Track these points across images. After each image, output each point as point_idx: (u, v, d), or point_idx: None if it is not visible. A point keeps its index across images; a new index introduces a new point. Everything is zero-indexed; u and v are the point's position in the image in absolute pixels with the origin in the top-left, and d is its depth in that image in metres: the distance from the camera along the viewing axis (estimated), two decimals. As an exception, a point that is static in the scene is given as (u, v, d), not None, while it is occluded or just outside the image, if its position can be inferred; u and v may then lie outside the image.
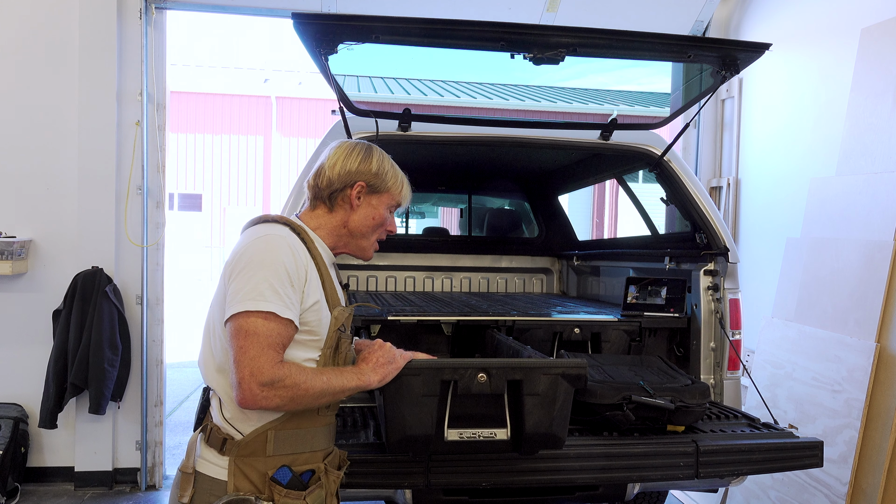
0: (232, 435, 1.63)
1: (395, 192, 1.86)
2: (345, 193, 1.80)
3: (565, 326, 3.04)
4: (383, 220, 1.86)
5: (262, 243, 1.62)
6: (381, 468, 2.17)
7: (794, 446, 2.43)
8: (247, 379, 1.50)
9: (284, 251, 1.61)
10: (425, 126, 3.10)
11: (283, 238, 1.64)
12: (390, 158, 1.89)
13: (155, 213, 4.68)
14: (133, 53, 4.56)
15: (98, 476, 4.56)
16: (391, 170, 1.86)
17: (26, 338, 4.52)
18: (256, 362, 1.51)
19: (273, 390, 1.51)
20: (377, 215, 1.84)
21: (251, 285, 1.56)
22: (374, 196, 1.83)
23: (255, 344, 1.52)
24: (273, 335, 1.54)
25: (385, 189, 1.84)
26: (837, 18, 4.09)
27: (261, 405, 1.53)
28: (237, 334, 1.54)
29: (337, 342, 1.72)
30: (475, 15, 4.61)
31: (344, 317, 1.75)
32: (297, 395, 1.55)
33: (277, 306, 1.55)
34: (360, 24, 2.35)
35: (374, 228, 1.85)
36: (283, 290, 1.57)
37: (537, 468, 2.20)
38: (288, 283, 1.58)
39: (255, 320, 1.53)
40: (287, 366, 1.56)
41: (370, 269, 4.96)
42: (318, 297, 1.67)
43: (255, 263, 1.58)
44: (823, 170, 4.01)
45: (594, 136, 3.22)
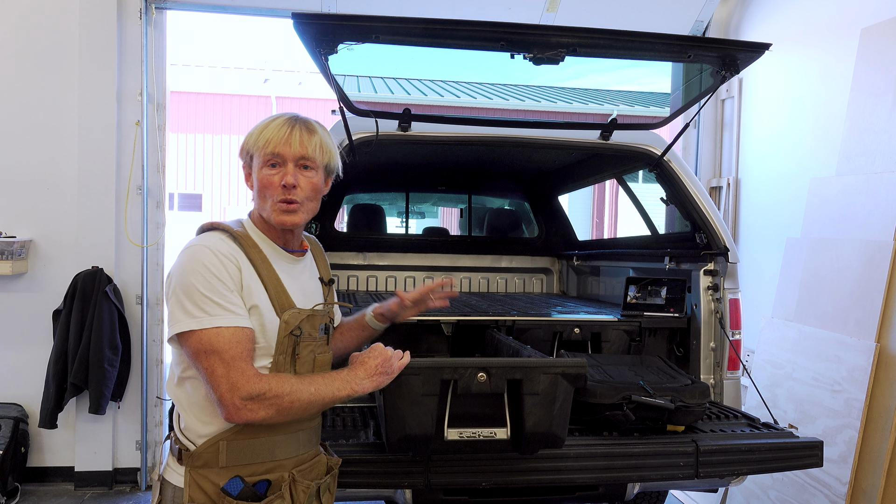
0: (187, 446, 1.61)
1: (258, 147, 1.67)
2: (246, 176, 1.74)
3: (565, 326, 3.04)
4: (268, 182, 1.66)
5: (188, 256, 1.57)
6: (381, 468, 2.17)
7: (794, 446, 2.43)
8: (226, 396, 1.49)
9: (208, 258, 1.56)
10: (425, 126, 3.10)
11: (206, 247, 1.58)
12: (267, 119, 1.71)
13: (155, 213, 4.68)
14: (133, 53, 4.56)
15: (98, 476, 4.56)
16: (253, 130, 1.70)
17: (26, 338, 4.51)
18: (229, 379, 1.49)
19: (256, 403, 1.50)
20: (259, 180, 1.68)
21: (190, 302, 1.52)
22: (253, 166, 1.71)
23: (219, 362, 1.49)
24: (233, 346, 1.51)
25: (253, 153, 1.69)
26: (837, 18, 4.09)
27: (247, 418, 1.51)
28: (197, 356, 1.51)
29: (293, 347, 1.65)
30: (475, 15, 4.61)
31: (299, 319, 1.66)
32: (284, 407, 1.53)
33: (222, 318, 1.52)
34: (360, 24, 2.34)
35: (263, 194, 1.68)
36: (220, 298, 1.53)
37: (537, 468, 2.20)
38: (224, 289, 1.54)
39: (209, 338, 1.50)
40: (265, 379, 1.53)
41: (370, 270, 4.96)
42: (257, 302, 1.60)
43: (185, 278, 1.54)
44: (823, 170, 4.01)
45: (594, 136, 3.22)
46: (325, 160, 1.72)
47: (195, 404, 1.61)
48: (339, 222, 5.59)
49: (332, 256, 4.88)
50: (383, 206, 5.55)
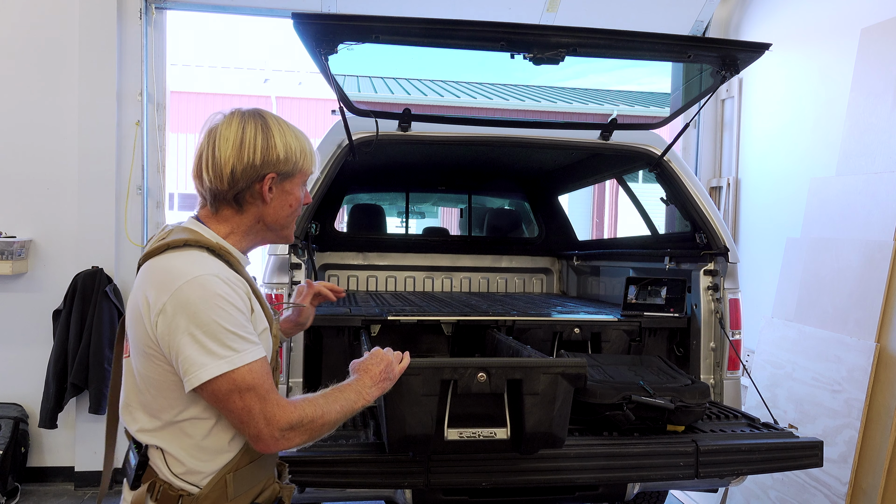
0: (188, 490, 1.47)
1: (307, 168, 1.60)
2: (253, 190, 1.53)
3: (565, 326, 3.04)
4: (300, 201, 1.62)
5: (196, 289, 1.39)
6: (381, 468, 2.16)
7: (794, 446, 2.43)
8: (265, 431, 1.42)
9: (222, 288, 1.41)
10: (425, 126, 3.10)
11: (213, 275, 1.41)
12: (289, 124, 1.61)
13: (155, 213, 4.68)
14: (133, 53, 4.56)
15: (98, 476, 4.55)
16: (296, 143, 1.57)
17: (26, 338, 4.51)
18: (267, 413, 1.42)
19: (293, 432, 1.45)
20: (294, 200, 1.60)
21: (213, 341, 1.38)
22: (286, 182, 1.57)
23: (256, 399, 1.41)
24: (264, 379, 1.44)
25: (297, 171, 1.58)
26: (837, 18, 4.09)
27: (284, 448, 1.47)
28: (230, 397, 1.40)
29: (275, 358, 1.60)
30: (475, 15, 4.61)
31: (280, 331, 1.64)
32: (315, 430, 1.49)
33: (251, 353, 1.42)
34: (360, 24, 2.35)
35: (292, 214, 1.62)
36: (245, 331, 1.43)
37: (537, 468, 2.20)
38: (245, 320, 1.45)
39: (242, 376, 1.40)
40: (298, 406, 1.47)
41: (370, 270, 4.96)
42: (265, 326, 1.54)
43: (200, 315, 1.37)
44: (823, 170, 4.01)
45: (594, 136, 3.22)
46: None
47: (196, 445, 1.48)
48: (339, 222, 5.59)
49: (333, 256, 4.89)
50: (383, 206, 5.55)
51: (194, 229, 1.54)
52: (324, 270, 4.89)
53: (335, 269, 4.92)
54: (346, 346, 3.02)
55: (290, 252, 2.83)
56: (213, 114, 1.59)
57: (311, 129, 19.64)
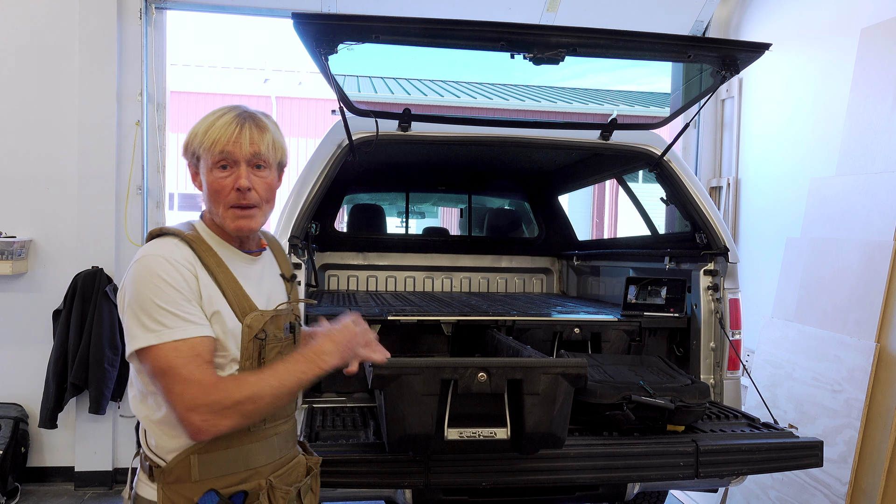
0: (157, 462, 1.53)
1: (204, 148, 1.55)
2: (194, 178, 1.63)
3: (565, 326, 3.04)
4: (219, 185, 1.56)
5: (140, 267, 1.49)
6: (381, 468, 2.16)
7: (794, 446, 2.43)
8: (185, 415, 1.42)
9: (162, 267, 1.47)
10: (425, 126, 3.10)
11: (159, 255, 1.50)
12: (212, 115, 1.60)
13: (155, 213, 4.68)
14: (133, 53, 4.56)
15: (98, 476, 4.56)
16: (198, 128, 1.57)
17: (26, 338, 4.51)
18: (186, 396, 1.41)
19: (216, 415, 1.42)
20: (209, 183, 1.57)
21: (146, 316, 1.44)
22: (200, 167, 1.59)
23: (176, 379, 1.42)
24: (190, 360, 1.43)
25: (200, 154, 1.57)
26: (837, 18, 4.09)
27: (213, 432, 1.44)
28: (155, 374, 1.44)
29: (259, 352, 1.58)
30: (475, 15, 4.60)
31: (263, 322, 1.58)
32: (248, 410, 1.45)
33: (180, 330, 1.44)
34: (360, 24, 2.35)
35: (215, 199, 1.58)
36: (177, 308, 1.45)
37: (537, 468, 2.20)
38: (181, 298, 1.46)
39: (166, 354, 1.42)
40: (222, 387, 1.44)
41: (370, 270, 4.96)
42: (218, 308, 1.52)
43: (139, 291, 1.45)
44: (823, 170, 4.01)
45: (594, 136, 3.22)
46: (277, 157, 1.62)
47: (161, 420, 1.52)
48: (339, 222, 5.59)
49: (333, 256, 4.89)
50: (383, 206, 5.55)
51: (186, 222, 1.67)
52: (324, 270, 4.89)
53: (335, 269, 4.92)
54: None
55: (290, 252, 2.82)
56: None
57: (311, 130, 19.65)
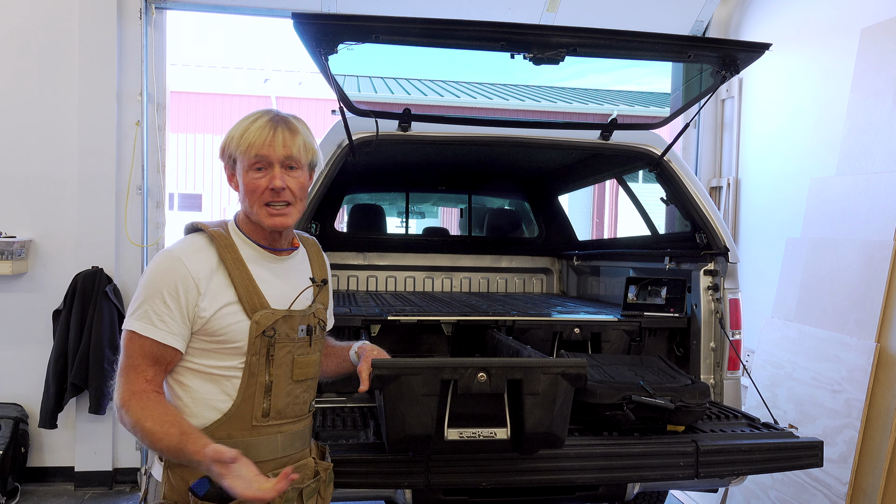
0: None
1: (241, 151, 1.65)
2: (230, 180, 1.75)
3: (565, 326, 3.04)
4: (255, 185, 1.65)
5: (152, 262, 1.64)
6: (381, 468, 2.16)
7: (794, 446, 2.43)
8: (115, 393, 1.58)
9: (165, 266, 1.60)
10: (425, 126, 3.10)
11: (170, 254, 1.63)
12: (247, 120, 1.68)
13: (155, 213, 4.68)
14: (133, 53, 4.56)
15: (98, 476, 4.56)
16: (234, 133, 1.67)
17: (26, 338, 4.51)
18: (119, 380, 1.58)
19: (122, 413, 1.55)
20: (246, 184, 1.66)
21: (134, 302, 1.61)
22: (238, 172, 1.69)
23: (121, 363, 1.59)
24: (134, 356, 1.58)
25: (236, 157, 1.67)
26: (837, 18, 4.09)
27: (121, 421, 1.57)
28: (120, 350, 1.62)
29: (267, 349, 1.64)
30: (475, 15, 4.61)
31: (272, 320, 1.64)
32: (136, 432, 1.54)
33: (140, 326, 1.57)
34: (360, 24, 2.34)
35: (251, 198, 1.66)
36: (151, 309, 1.57)
37: (537, 468, 2.20)
38: (160, 302, 1.57)
39: (125, 341, 1.59)
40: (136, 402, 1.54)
41: (370, 270, 4.96)
42: (227, 301, 1.61)
43: (141, 282, 1.63)
44: (823, 170, 4.01)
45: (594, 136, 3.22)
46: (308, 158, 1.72)
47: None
48: (339, 222, 5.59)
49: (332, 256, 4.89)
50: (383, 206, 5.55)
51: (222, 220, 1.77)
52: (324, 270, 4.88)
53: (335, 269, 4.92)
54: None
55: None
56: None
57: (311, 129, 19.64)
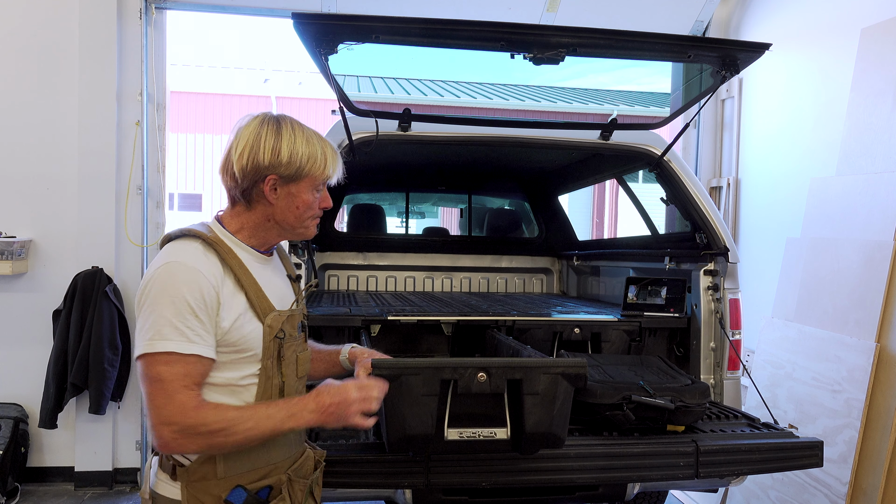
0: (180, 461, 1.56)
1: (315, 173, 1.63)
2: (258, 189, 1.61)
3: (565, 326, 3.04)
4: (311, 204, 1.66)
5: (164, 273, 1.50)
6: (381, 468, 2.16)
7: (794, 446, 2.43)
8: (157, 427, 1.44)
9: (183, 278, 1.49)
10: (425, 126, 3.10)
11: (183, 264, 1.51)
12: (306, 131, 1.65)
13: (155, 213, 4.68)
14: (133, 53, 4.56)
15: (98, 476, 4.56)
16: (306, 150, 1.61)
17: (26, 338, 4.51)
18: (165, 410, 1.44)
19: (185, 437, 1.44)
20: (301, 203, 1.64)
21: (150, 323, 1.47)
22: (291, 185, 1.62)
23: (160, 392, 1.44)
24: (179, 378, 1.45)
25: (303, 176, 1.62)
26: (837, 18, 4.09)
27: (176, 451, 1.47)
28: (144, 379, 1.47)
29: (278, 350, 1.62)
30: (475, 15, 4.61)
31: (280, 322, 1.63)
32: (216, 443, 1.48)
33: (179, 343, 1.46)
34: (360, 24, 2.35)
35: (302, 216, 1.66)
36: (184, 323, 1.47)
37: (537, 468, 2.20)
38: (189, 314, 1.48)
39: (158, 366, 1.45)
40: (202, 413, 1.46)
41: (370, 270, 4.96)
42: (240, 311, 1.56)
43: (154, 298, 1.48)
44: (823, 170, 4.01)
45: (594, 136, 3.22)
46: None
47: None
48: (339, 222, 5.59)
49: (333, 256, 4.89)
50: (383, 206, 5.55)
51: (206, 223, 1.66)
52: (324, 270, 4.89)
53: (335, 269, 4.92)
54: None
55: (291, 252, 2.82)
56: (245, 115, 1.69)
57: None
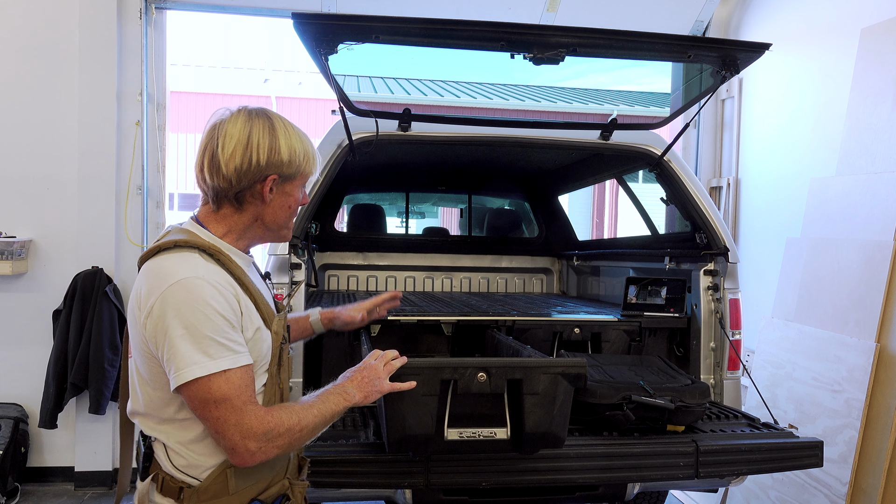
0: (188, 483, 1.50)
1: (308, 170, 1.61)
2: (254, 190, 1.54)
3: (565, 326, 3.04)
4: (298, 202, 1.64)
5: (183, 293, 1.40)
6: (381, 468, 2.17)
7: (794, 446, 2.43)
8: (240, 444, 1.42)
9: (208, 292, 1.41)
10: (425, 126, 3.10)
11: (199, 277, 1.42)
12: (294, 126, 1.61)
13: (155, 213, 4.68)
14: (133, 53, 4.56)
15: (98, 476, 4.56)
16: (300, 146, 1.58)
17: (26, 338, 4.51)
18: (242, 426, 1.41)
19: (268, 443, 1.44)
20: (294, 202, 1.62)
21: (192, 346, 1.39)
22: (287, 184, 1.59)
23: (230, 410, 1.41)
24: (241, 390, 1.43)
25: (299, 173, 1.59)
26: (837, 18, 4.09)
27: (261, 460, 1.46)
28: (205, 406, 1.41)
29: (280, 354, 1.62)
30: (475, 15, 4.61)
31: (282, 326, 1.63)
32: (294, 439, 1.49)
33: (229, 360, 1.42)
34: (360, 24, 2.35)
35: (291, 215, 1.64)
36: (225, 338, 1.42)
37: (537, 468, 2.20)
38: (228, 327, 1.43)
39: (218, 385, 1.40)
40: (274, 414, 1.47)
41: (370, 270, 4.96)
42: (258, 324, 1.53)
43: (185, 318, 1.39)
44: (823, 170, 4.01)
45: (594, 136, 3.22)
46: None
47: (195, 440, 1.51)
48: (339, 222, 5.58)
49: (333, 256, 4.89)
50: (383, 206, 5.55)
51: (189, 230, 1.55)
52: (324, 270, 4.89)
53: (335, 269, 4.92)
54: (346, 346, 3.02)
55: (290, 252, 2.82)
56: (218, 109, 1.60)
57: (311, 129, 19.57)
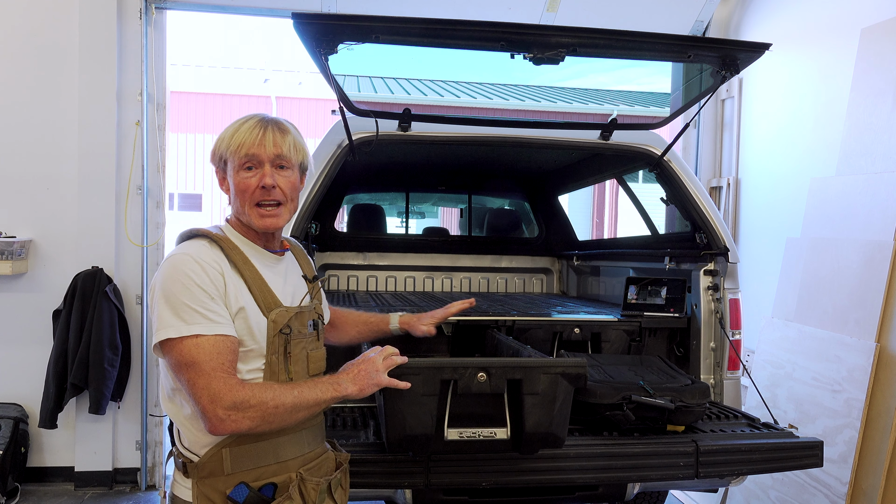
0: (191, 458, 1.60)
1: (231, 151, 1.65)
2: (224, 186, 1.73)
3: (565, 326, 3.04)
4: (245, 185, 1.65)
5: (168, 266, 1.55)
6: (381, 468, 2.16)
7: (794, 446, 2.43)
8: (208, 407, 1.46)
9: (190, 267, 1.53)
10: (425, 126, 3.10)
11: (188, 255, 1.56)
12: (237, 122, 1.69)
13: (155, 213, 4.68)
14: (133, 53, 4.56)
15: (98, 476, 4.56)
16: (224, 134, 1.68)
17: (26, 338, 4.51)
18: (210, 389, 1.46)
19: (239, 412, 1.47)
20: (238, 185, 1.66)
21: (168, 311, 1.50)
22: (227, 171, 1.69)
23: (199, 373, 1.47)
24: (213, 356, 1.48)
25: (226, 157, 1.67)
26: (837, 18, 4.09)
27: (231, 429, 1.48)
28: (178, 367, 1.49)
29: (285, 346, 1.64)
30: (475, 15, 4.61)
31: (287, 318, 1.65)
32: (268, 414, 1.50)
33: (202, 326, 1.50)
34: (360, 24, 2.34)
35: (242, 198, 1.67)
36: (202, 307, 1.51)
37: (537, 468, 2.20)
38: (206, 298, 1.52)
39: (188, 348, 1.48)
40: (248, 386, 1.50)
41: (370, 270, 4.96)
42: (243, 304, 1.59)
43: (166, 287, 1.53)
44: (823, 170, 4.01)
45: (594, 136, 3.22)
46: (299, 159, 1.72)
47: (191, 416, 1.58)
48: (339, 222, 5.59)
49: (333, 256, 4.89)
50: (383, 206, 5.55)
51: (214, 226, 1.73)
52: (324, 270, 4.89)
53: (335, 269, 4.92)
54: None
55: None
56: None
57: (311, 129, 19.65)
